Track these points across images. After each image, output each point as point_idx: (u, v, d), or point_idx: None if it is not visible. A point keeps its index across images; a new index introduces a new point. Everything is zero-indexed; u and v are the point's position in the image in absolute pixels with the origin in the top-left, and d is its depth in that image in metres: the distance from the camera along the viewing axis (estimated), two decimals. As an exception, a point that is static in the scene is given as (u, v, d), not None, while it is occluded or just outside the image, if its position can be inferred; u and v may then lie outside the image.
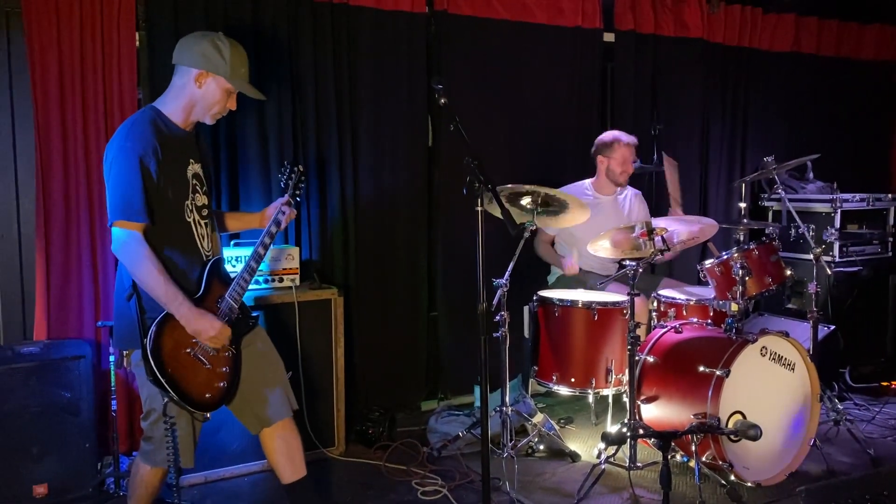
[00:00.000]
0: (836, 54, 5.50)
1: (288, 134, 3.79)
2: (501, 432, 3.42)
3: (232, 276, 2.53)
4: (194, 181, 2.48)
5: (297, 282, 3.57)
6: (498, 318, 3.31)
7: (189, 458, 2.45)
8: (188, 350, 2.35)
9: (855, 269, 4.70)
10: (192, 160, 2.49)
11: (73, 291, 3.38)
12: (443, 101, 2.45)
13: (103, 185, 3.33)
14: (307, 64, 3.81)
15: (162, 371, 2.25)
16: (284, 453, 2.58)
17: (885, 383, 4.61)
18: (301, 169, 2.69)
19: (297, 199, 2.70)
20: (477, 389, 4.08)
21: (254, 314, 2.63)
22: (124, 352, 2.47)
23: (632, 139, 4.09)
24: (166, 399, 2.29)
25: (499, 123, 4.35)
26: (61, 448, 3.03)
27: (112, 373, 3.18)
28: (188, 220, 2.43)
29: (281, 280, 3.52)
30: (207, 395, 2.38)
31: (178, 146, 2.42)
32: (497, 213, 2.77)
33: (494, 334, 3.28)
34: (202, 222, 2.49)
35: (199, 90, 2.42)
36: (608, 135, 4.13)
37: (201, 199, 2.50)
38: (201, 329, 2.34)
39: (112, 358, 3.17)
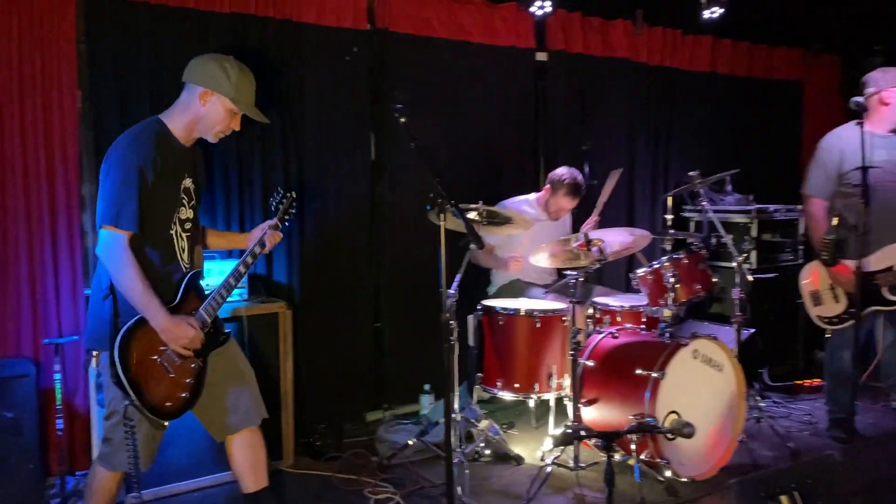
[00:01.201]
0: (748, 74, 5.88)
1: (232, 148, 3.80)
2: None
3: (208, 291, 2.57)
4: (184, 195, 2.52)
5: (245, 295, 3.58)
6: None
7: (147, 462, 2.47)
8: (155, 357, 2.39)
9: (771, 275, 5.02)
10: (186, 175, 2.54)
11: (9, 308, 3.29)
12: (402, 120, 2.54)
13: (41, 201, 3.33)
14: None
15: (126, 374, 2.29)
16: (250, 461, 2.62)
17: (799, 382, 4.92)
18: (294, 195, 2.71)
19: (287, 223, 2.72)
20: (423, 398, 4.17)
21: (226, 332, 2.65)
22: (93, 352, 2.47)
23: (580, 192, 4.23)
24: (128, 402, 2.30)
25: (439, 138, 4.46)
26: (3, 470, 2.96)
27: (58, 391, 3.11)
28: (170, 231, 2.47)
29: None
30: (168, 404, 2.41)
31: (176, 160, 2.48)
32: (454, 227, 2.86)
33: (445, 344, 3.36)
34: (184, 235, 2.53)
35: (203, 108, 2.49)
36: (566, 176, 4.22)
37: (186, 213, 2.54)
38: (174, 335, 2.38)
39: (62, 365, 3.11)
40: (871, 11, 5.12)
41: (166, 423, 2.46)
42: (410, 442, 3.70)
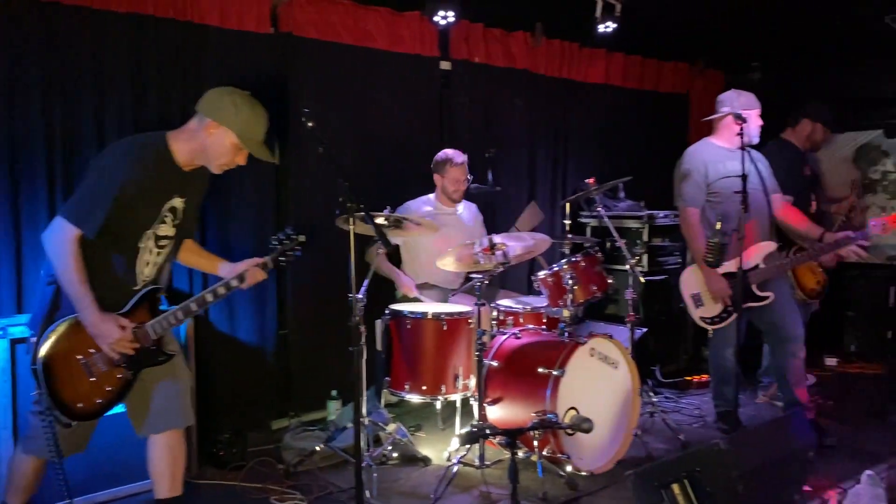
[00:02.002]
0: (640, 87, 6.19)
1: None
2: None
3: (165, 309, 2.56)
4: (168, 213, 2.52)
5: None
6: (355, 332, 3.43)
7: (71, 450, 2.47)
8: (80, 357, 2.39)
9: (661, 277, 5.31)
10: (176, 195, 2.53)
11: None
12: (310, 124, 2.57)
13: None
14: (152, 82, 3.74)
15: (46, 363, 2.30)
16: (169, 465, 2.58)
17: (688, 378, 5.22)
18: (301, 239, 2.66)
19: (281, 264, 2.66)
20: (330, 404, 4.16)
21: (169, 353, 2.60)
22: (32, 339, 2.40)
23: (462, 158, 4.36)
24: (40, 391, 2.30)
25: (346, 145, 4.47)
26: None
27: None
28: (140, 244, 2.47)
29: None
30: (79, 405, 2.39)
31: (168, 181, 2.48)
32: (361, 230, 2.90)
33: (351, 348, 3.39)
34: (156, 250, 2.53)
35: (208, 139, 2.49)
36: (441, 154, 4.39)
37: (166, 230, 2.54)
38: (101, 331, 2.36)
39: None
40: (750, 30, 5.50)
41: (73, 423, 2.42)
42: (318, 448, 3.69)
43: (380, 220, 3.54)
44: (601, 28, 4.97)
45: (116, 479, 3.25)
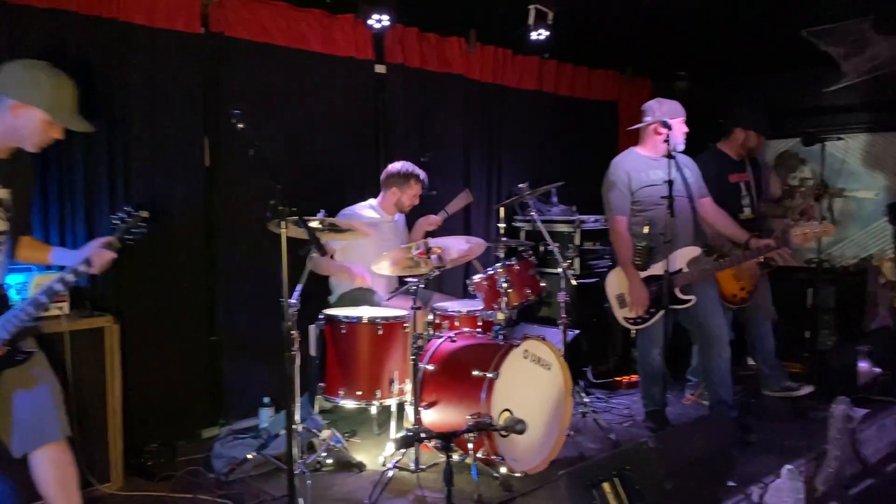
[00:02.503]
0: (571, 94, 6.31)
1: (51, 153, 3.54)
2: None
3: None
4: None
5: (67, 310, 3.35)
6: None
7: None
8: None
9: (592, 280, 5.41)
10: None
11: None
12: (241, 126, 2.52)
13: None
14: (76, 80, 3.60)
15: None
16: (59, 481, 2.46)
17: (618, 379, 5.34)
18: (144, 214, 2.56)
19: (129, 241, 2.56)
20: (262, 411, 4.09)
21: (27, 350, 2.47)
22: None
23: (425, 177, 4.41)
24: None
25: (280, 147, 4.41)
26: None
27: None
28: None
29: (47, 308, 3.28)
30: None
31: None
32: (294, 235, 2.87)
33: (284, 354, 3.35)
34: None
35: (16, 121, 2.35)
36: (404, 169, 4.37)
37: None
38: None
39: None
40: (677, 40, 5.68)
41: None
42: (249, 456, 3.62)
43: (314, 224, 3.51)
44: (534, 35, 5.03)
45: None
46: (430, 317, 4.11)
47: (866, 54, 4.94)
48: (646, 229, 3.90)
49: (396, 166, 4.40)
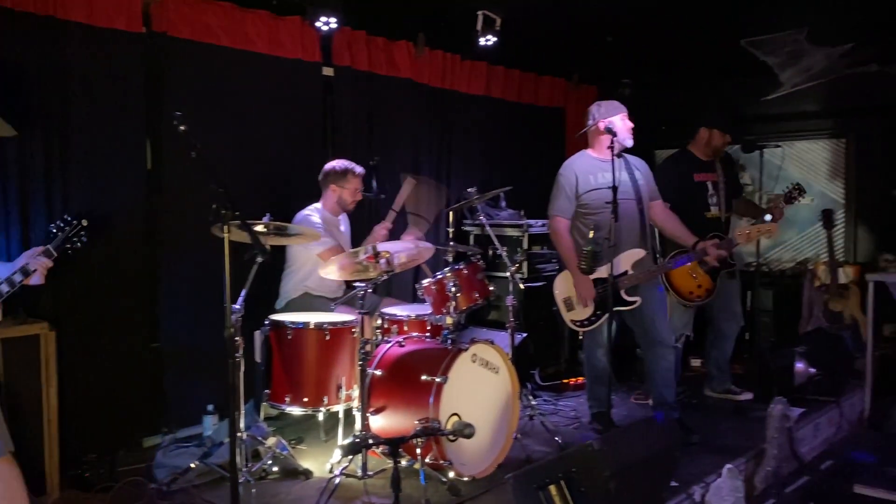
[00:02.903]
0: (519, 100, 6.38)
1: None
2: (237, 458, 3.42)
3: None
4: None
5: (0, 317, 3.23)
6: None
7: None
8: None
9: (539, 284, 5.46)
10: None
11: None
12: (182, 127, 2.47)
13: None
14: (9, 79, 3.48)
15: None
16: (4, 496, 2.37)
17: (565, 381, 5.39)
18: (83, 223, 2.49)
19: (68, 251, 2.47)
20: (206, 419, 4.01)
21: None
22: None
23: (362, 170, 4.38)
24: None
25: (226, 150, 4.33)
26: None
27: None
28: None
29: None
30: None
31: None
32: (235, 238, 2.82)
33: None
34: None
35: None
36: (340, 165, 4.35)
37: None
38: None
39: None
40: (621, 48, 5.79)
41: None
42: (193, 465, 3.54)
43: (259, 228, 3.46)
44: (482, 41, 5.07)
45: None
46: (379, 321, 4.09)
47: (801, 65, 5.12)
48: (591, 234, 3.95)
49: (332, 164, 4.38)
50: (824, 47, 5.05)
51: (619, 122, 4.10)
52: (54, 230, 2.49)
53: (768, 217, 4.55)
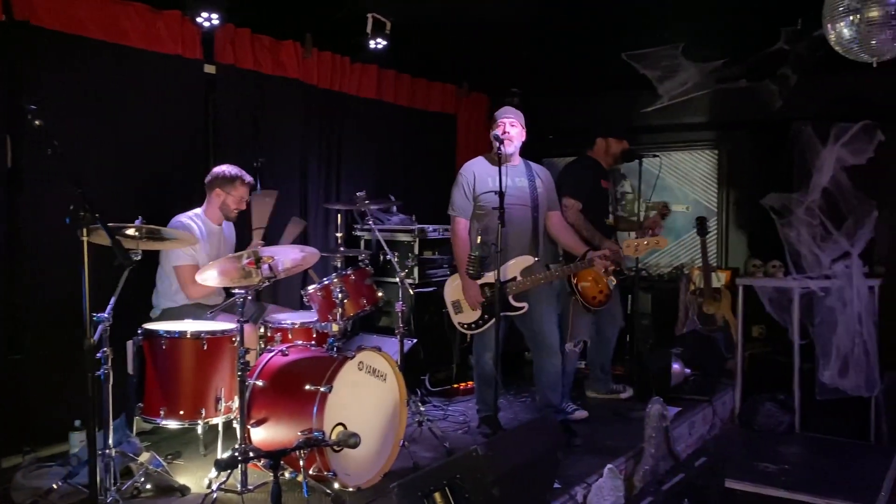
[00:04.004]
0: (411, 105, 6.36)
1: None
2: (105, 477, 3.21)
3: None
4: None
5: None
6: (100, 354, 3.11)
7: None
8: None
9: (431, 289, 5.46)
10: None
11: None
12: (37, 122, 2.29)
13: None
14: None
15: None
16: None
17: (455, 385, 5.42)
18: None
19: None
20: (73, 436, 3.74)
21: None
22: None
23: (251, 180, 4.24)
24: None
25: (98, 149, 4.09)
26: None
27: None
28: None
29: None
30: None
31: None
32: (103, 242, 2.64)
33: (96, 373, 3.08)
34: None
35: None
36: (231, 170, 4.18)
37: None
38: None
39: None
40: (510, 58, 5.89)
41: None
42: (55, 486, 3.29)
43: (130, 232, 3.26)
44: (372, 44, 5.03)
45: None
46: (263, 330, 3.96)
47: (678, 79, 5.36)
48: (478, 238, 3.98)
49: (222, 168, 4.21)
50: (698, 63, 5.31)
51: (499, 130, 4.15)
52: None
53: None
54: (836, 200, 5.03)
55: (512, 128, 4.20)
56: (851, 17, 3.29)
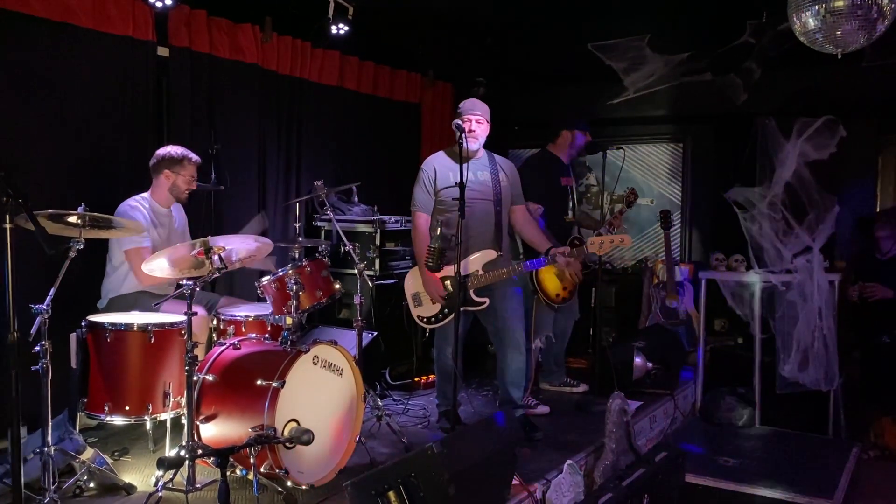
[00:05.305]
0: (373, 93, 6.23)
1: None
2: (42, 476, 3.06)
3: None
4: None
5: None
6: (38, 348, 2.96)
7: None
8: None
9: (392, 281, 5.35)
10: None
11: None
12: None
13: None
14: None
15: None
16: None
17: (416, 379, 5.33)
18: None
19: None
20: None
21: None
22: None
23: (198, 159, 4.11)
24: None
25: (42, 133, 3.91)
26: None
27: None
28: None
29: None
30: None
31: None
32: (52, 230, 2.50)
33: (34, 367, 2.94)
34: None
35: None
36: (176, 151, 4.04)
37: None
38: None
39: None
40: (474, 47, 5.80)
41: None
42: (-9, 485, 3.15)
43: (72, 220, 3.11)
44: (334, 29, 4.90)
45: None
46: (215, 322, 3.83)
47: (643, 71, 5.33)
48: (439, 230, 3.89)
49: (167, 149, 4.06)
50: (664, 55, 5.28)
51: (465, 126, 4.05)
52: None
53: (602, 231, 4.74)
54: (798, 195, 5.03)
55: (478, 125, 4.10)
56: (817, 7, 3.25)
